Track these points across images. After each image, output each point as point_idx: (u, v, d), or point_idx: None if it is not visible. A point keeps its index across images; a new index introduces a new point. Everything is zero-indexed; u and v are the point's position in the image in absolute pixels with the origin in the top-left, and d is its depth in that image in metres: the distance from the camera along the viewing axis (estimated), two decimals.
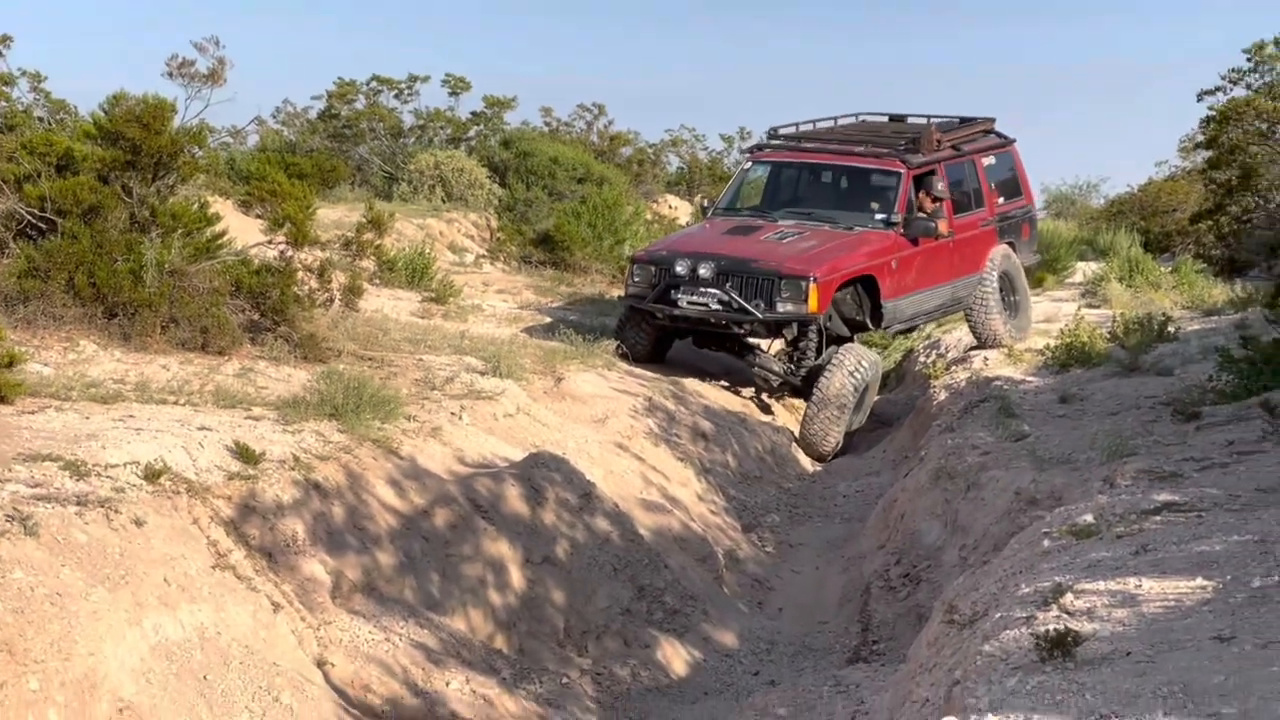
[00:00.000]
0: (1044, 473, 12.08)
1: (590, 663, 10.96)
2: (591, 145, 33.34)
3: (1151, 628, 6.28)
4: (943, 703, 6.24)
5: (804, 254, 17.72)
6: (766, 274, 17.39)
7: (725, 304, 17.44)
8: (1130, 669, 5.77)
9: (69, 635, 7.28)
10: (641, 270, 18.13)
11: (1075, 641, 5.96)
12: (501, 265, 24.35)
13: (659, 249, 18.73)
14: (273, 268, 13.63)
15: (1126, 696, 5.47)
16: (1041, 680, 5.78)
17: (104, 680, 7.40)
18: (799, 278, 17.28)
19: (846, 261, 17.82)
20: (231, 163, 24.05)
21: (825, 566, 14.38)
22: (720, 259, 17.61)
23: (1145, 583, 6.94)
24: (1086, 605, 6.70)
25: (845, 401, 17.46)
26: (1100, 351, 17.09)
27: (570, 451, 13.25)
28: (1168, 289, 23.78)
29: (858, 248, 18.14)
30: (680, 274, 17.59)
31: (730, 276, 17.47)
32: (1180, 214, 30.87)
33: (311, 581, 9.45)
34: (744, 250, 17.87)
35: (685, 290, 17.60)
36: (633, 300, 18.15)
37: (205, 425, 10.21)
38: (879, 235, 18.39)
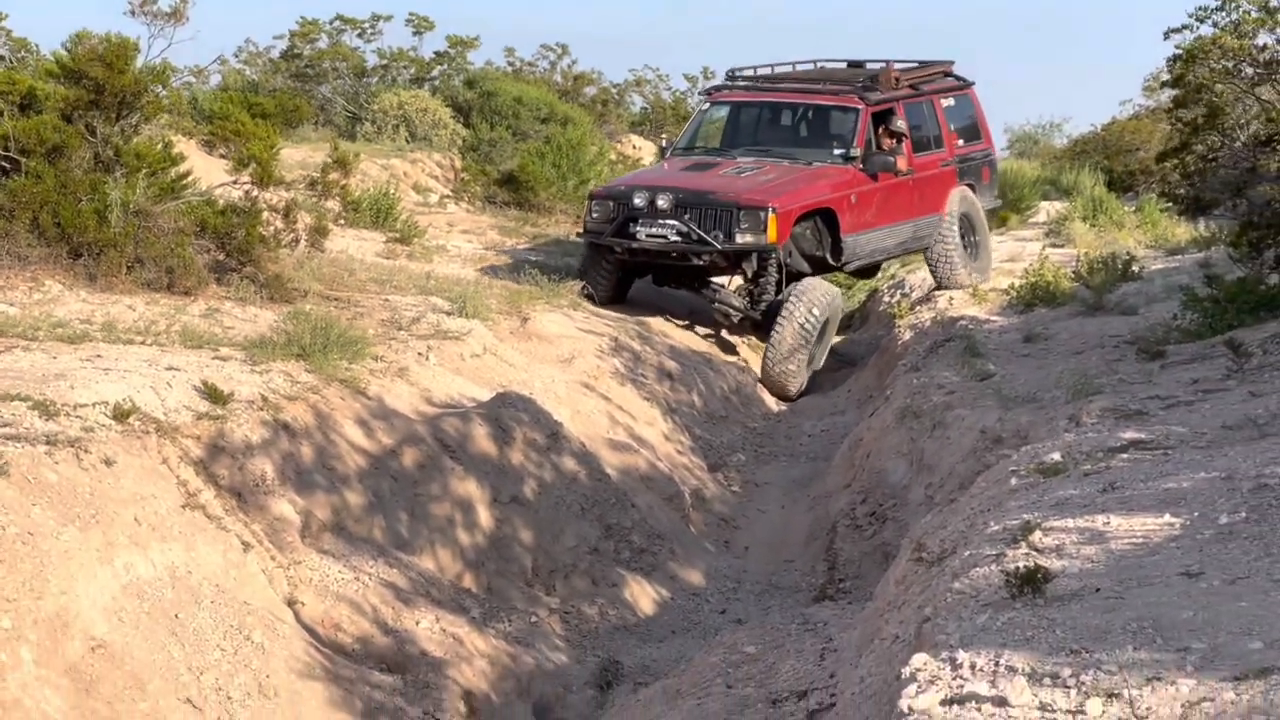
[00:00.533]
0: (1010, 411, 12.13)
1: (558, 601, 11.00)
2: (555, 85, 33.20)
3: (1120, 564, 6.33)
4: (913, 639, 6.28)
5: (763, 186, 17.81)
6: (725, 205, 17.40)
7: (684, 235, 17.43)
8: (1100, 605, 5.82)
9: (41, 574, 7.29)
10: (600, 205, 18.12)
11: (1045, 578, 6.00)
12: (466, 206, 24.28)
13: (617, 185, 18.81)
14: (238, 208, 13.56)
15: (1096, 632, 5.52)
16: (1012, 616, 5.83)
17: (76, 619, 7.40)
18: (757, 208, 17.31)
19: (806, 193, 17.90)
20: (194, 102, 23.86)
21: (791, 505, 14.45)
22: (679, 191, 17.62)
23: (1113, 520, 6.99)
24: (1055, 542, 6.75)
25: (807, 336, 17.46)
26: (1064, 291, 17.17)
27: (537, 391, 13.27)
28: (1131, 228, 23.88)
29: (816, 180, 18.22)
30: (638, 206, 17.57)
31: (689, 208, 17.46)
32: (1144, 153, 30.95)
33: (281, 521, 9.45)
34: (702, 183, 17.92)
35: (644, 223, 17.59)
36: (591, 235, 18.12)
37: (173, 365, 10.18)
38: (838, 170, 18.47)
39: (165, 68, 13.95)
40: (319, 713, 8.20)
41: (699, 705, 8.15)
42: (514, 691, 9.42)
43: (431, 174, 25.33)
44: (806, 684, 8.00)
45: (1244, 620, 5.46)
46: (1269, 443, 8.17)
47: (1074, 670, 5.15)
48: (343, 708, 8.33)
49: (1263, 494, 7.02)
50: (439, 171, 25.58)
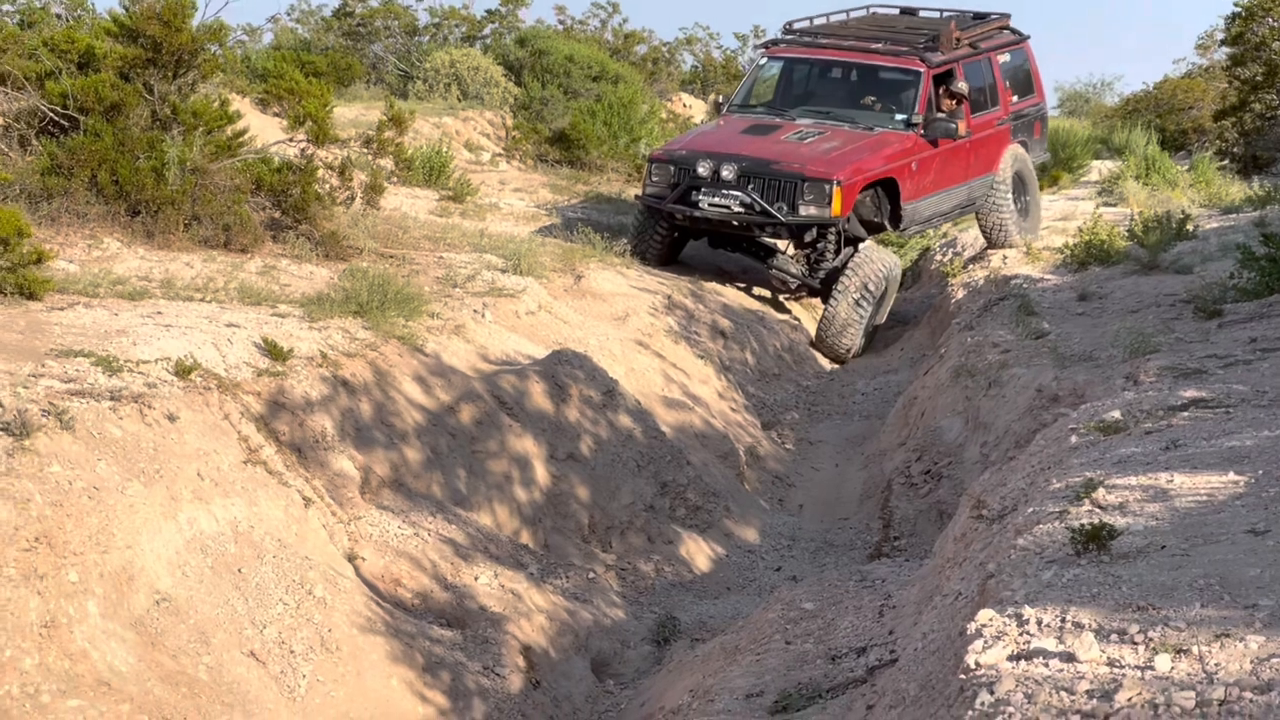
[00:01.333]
0: (1066, 370, 12.11)
1: (615, 558, 11.05)
2: (606, 44, 33.17)
3: (1185, 522, 6.32)
4: (976, 596, 6.29)
5: (827, 155, 17.48)
6: (790, 176, 17.13)
7: (747, 206, 17.20)
8: (1166, 562, 5.81)
9: (106, 528, 7.35)
10: (660, 170, 17.84)
11: (1110, 535, 6.00)
12: (518, 164, 24.29)
13: (678, 148, 18.40)
14: (293, 166, 13.60)
15: (1163, 589, 5.52)
16: (1077, 573, 5.83)
17: (141, 573, 7.47)
18: (823, 180, 17.04)
19: (869, 164, 17.62)
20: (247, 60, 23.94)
21: (845, 464, 14.46)
22: (742, 160, 17.33)
23: (1177, 477, 6.98)
24: (1119, 500, 6.74)
25: (865, 304, 17.38)
26: (1119, 250, 17.08)
27: (592, 349, 13.28)
28: (1185, 187, 23.70)
29: (879, 149, 17.92)
30: (702, 175, 17.31)
31: (753, 178, 17.21)
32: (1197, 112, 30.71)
33: (341, 477, 9.51)
34: (766, 151, 17.61)
35: (707, 191, 17.34)
36: (651, 200, 17.85)
37: (233, 322, 10.24)
38: (899, 136, 18.19)
39: (221, 26, 13.97)
40: (380, 666, 8.26)
41: (758, 660, 8.17)
42: (572, 647, 9.48)
43: (483, 132, 25.33)
44: (865, 640, 8.02)
45: None
46: None
47: (1141, 626, 5.15)
48: (404, 661, 8.39)
49: None
50: (491, 130, 25.59)
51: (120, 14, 13.65)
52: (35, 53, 12.98)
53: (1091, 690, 4.74)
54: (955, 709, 5.05)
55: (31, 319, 9.44)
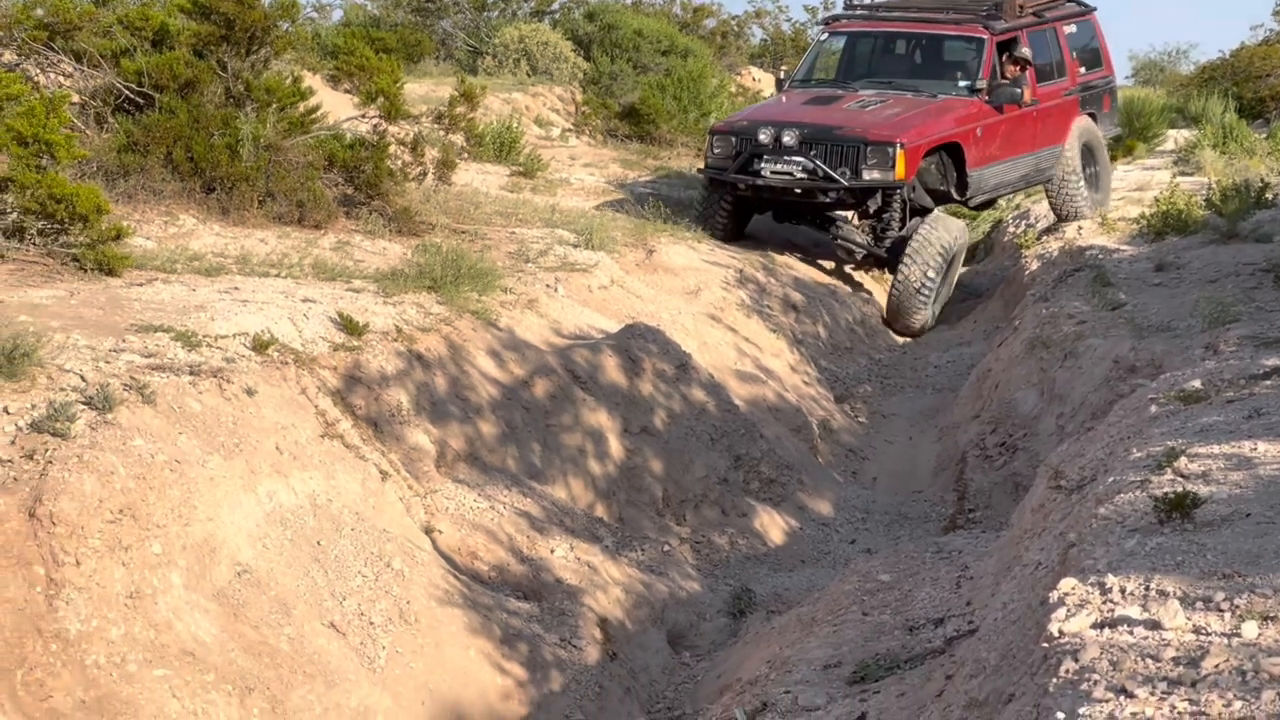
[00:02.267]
0: (1143, 340, 12.02)
1: (689, 531, 11.06)
2: (675, 18, 33.10)
3: (1269, 490, 6.26)
4: (1057, 565, 6.25)
5: (890, 120, 17.39)
6: (852, 141, 17.02)
7: (810, 172, 17.07)
8: (1251, 530, 5.77)
9: (188, 501, 7.41)
10: (722, 141, 17.76)
11: (1194, 503, 5.95)
12: (587, 139, 24.28)
13: (739, 119, 18.38)
14: (366, 142, 13.64)
15: (1248, 557, 5.47)
16: (1160, 541, 5.79)
17: (223, 545, 7.53)
18: (885, 144, 16.92)
19: (933, 128, 17.50)
20: (317, 37, 24.02)
21: (918, 436, 14.41)
22: (804, 126, 17.24)
23: (1260, 446, 6.92)
24: (1201, 468, 6.69)
25: (934, 274, 17.24)
26: (1196, 219, 16.90)
27: (664, 323, 13.28)
28: (1263, 155, 23.43)
29: (943, 114, 17.80)
30: (763, 142, 17.20)
31: (814, 144, 17.08)
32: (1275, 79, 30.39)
33: (417, 450, 9.55)
34: (827, 118, 17.53)
35: (768, 159, 17.22)
36: (713, 172, 17.74)
37: (308, 297, 10.28)
38: (963, 102, 18.05)
39: (292, 3, 14.02)
40: (458, 639, 8.30)
41: (835, 632, 8.17)
42: (648, 619, 9.50)
43: (553, 108, 25.33)
44: (943, 611, 8.00)
45: None
46: None
47: (1227, 594, 5.11)
48: (481, 633, 8.42)
49: None
50: (560, 105, 25.58)
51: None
52: (110, 30, 13.06)
53: (1177, 657, 4.71)
54: (1039, 677, 5.03)
55: (111, 295, 9.51)
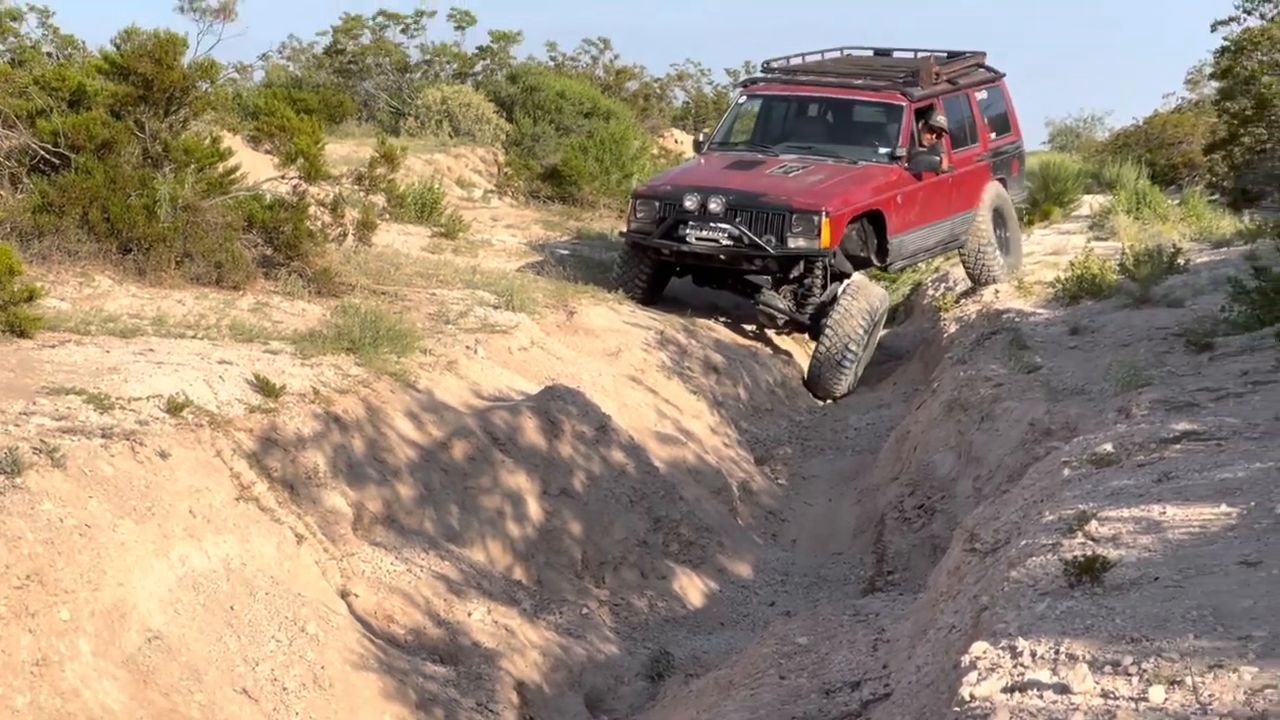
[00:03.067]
0: (1058, 404, 12.12)
1: (608, 593, 11.04)
2: (597, 80, 33.23)
3: (1178, 553, 6.32)
4: (970, 628, 6.28)
5: (814, 188, 17.41)
6: (778, 209, 17.03)
7: (736, 239, 17.07)
8: (1159, 594, 5.82)
9: (98, 566, 7.34)
10: (645, 205, 17.72)
11: (1103, 567, 6.00)
12: (509, 200, 24.31)
13: (662, 184, 18.31)
14: (285, 203, 13.61)
15: (1156, 620, 5.52)
16: (1071, 605, 5.83)
17: (133, 610, 7.46)
18: (811, 212, 16.95)
19: (856, 195, 17.56)
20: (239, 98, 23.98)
21: (838, 498, 14.45)
22: (730, 193, 17.23)
23: (1169, 509, 6.98)
24: (1112, 532, 6.74)
25: (857, 341, 17.26)
26: (1110, 283, 17.10)
27: (585, 384, 13.28)
28: (1175, 221, 23.73)
29: (865, 182, 17.85)
30: (689, 209, 17.18)
31: (740, 211, 17.09)
32: (1187, 146, 30.80)
33: (333, 513, 9.50)
34: (753, 184, 17.52)
35: (694, 226, 17.21)
36: (637, 236, 17.69)
37: (225, 359, 10.23)
38: (884, 169, 18.14)
39: (212, 64, 14.00)
40: (373, 704, 8.24)
41: (752, 695, 8.16)
42: (566, 682, 9.46)
43: (475, 169, 25.37)
44: (860, 674, 8.00)
45: None
46: None
47: (1135, 658, 5.15)
48: (397, 698, 8.37)
49: None
50: (482, 166, 25.62)
51: (112, 52, 13.72)
52: (26, 90, 13.00)
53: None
54: None
55: (23, 357, 9.44)
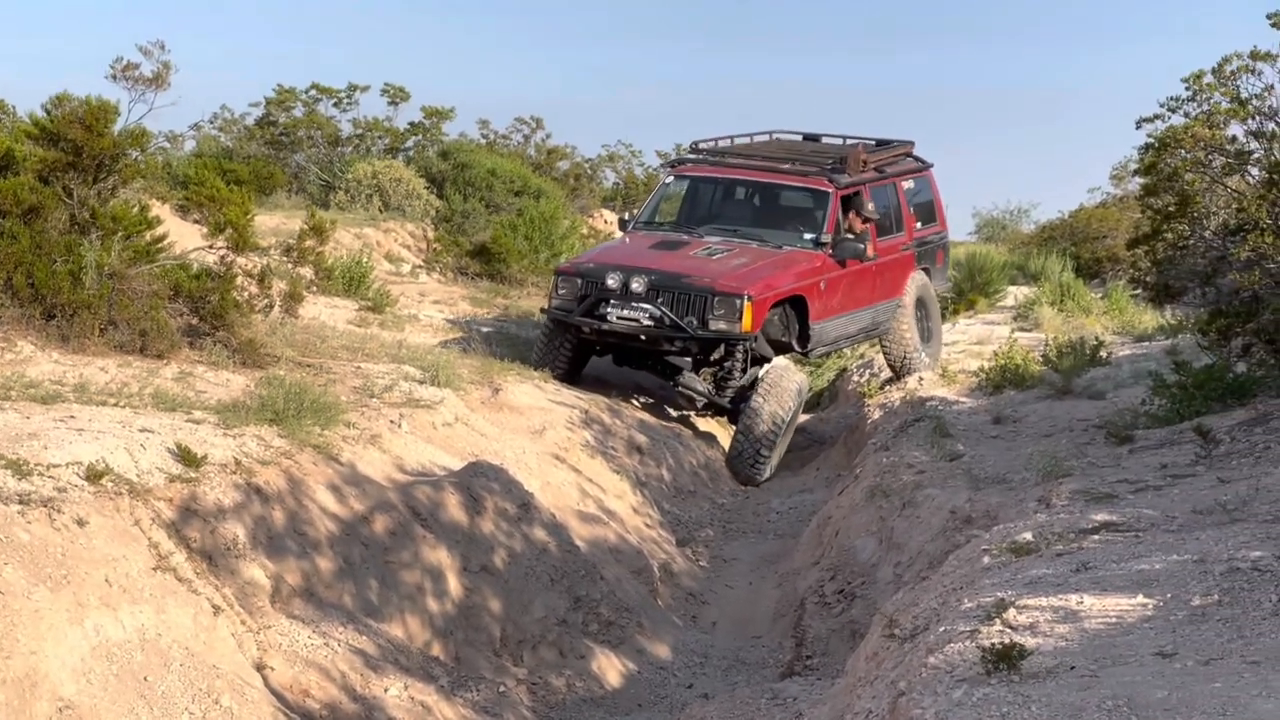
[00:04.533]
0: (979, 492, 12.19)
1: (526, 672, 10.98)
2: (529, 159, 33.36)
3: (1094, 643, 6.36)
4: (887, 714, 6.29)
5: (737, 271, 17.45)
6: (700, 290, 17.05)
7: (657, 320, 17.06)
8: (1075, 683, 5.85)
9: (10, 633, 7.25)
10: (567, 283, 17.71)
11: (1020, 655, 6.03)
12: (438, 276, 24.33)
13: (584, 261, 18.32)
14: (212, 273, 13.56)
15: (1071, 709, 5.54)
16: (987, 692, 5.85)
17: (45, 679, 7.36)
18: (734, 295, 16.97)
19: (780, 280, 17.60)
20: (169, 166, 23.93)
21: (759, 582, 14.46)
22: (652, 273, 17.24)
23: (1087, 599, 7.03)
24: (1029, 620, 6.78)
25: (776, 427, 17.26)
26: (1033, 374, 17.29)
27: (508, 461, 13.27)
28: (1099, 314, 24.06)
29: (789, 267, 17.90)
30: (611, 287, 17.18)
31: (662, 291, 17.10)
32: (1111, 240, 31.19)
33: (251, 585, 9.43)
34: (676, 265, 17.53)
35: (616, 304, 17.21)
36: (558, 313, 17.65)
37: (146, 427, 10.17)
38: (808, 255, 18.17)
39: (143, 132, 13.96)
40: None
41: None
42: None
43: (404, 244, 25.38)
44: None
45: (1218, 701, 5.50)
46: (1239, 527, 8.23)
47: None
48: None
49: (1234, 577, 7.07)
50: (411, 241, 25.64)
51: (41, 117, 13.64)
52: None
53: None
54: None
55: None
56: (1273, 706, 5.37)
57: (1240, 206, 12.60)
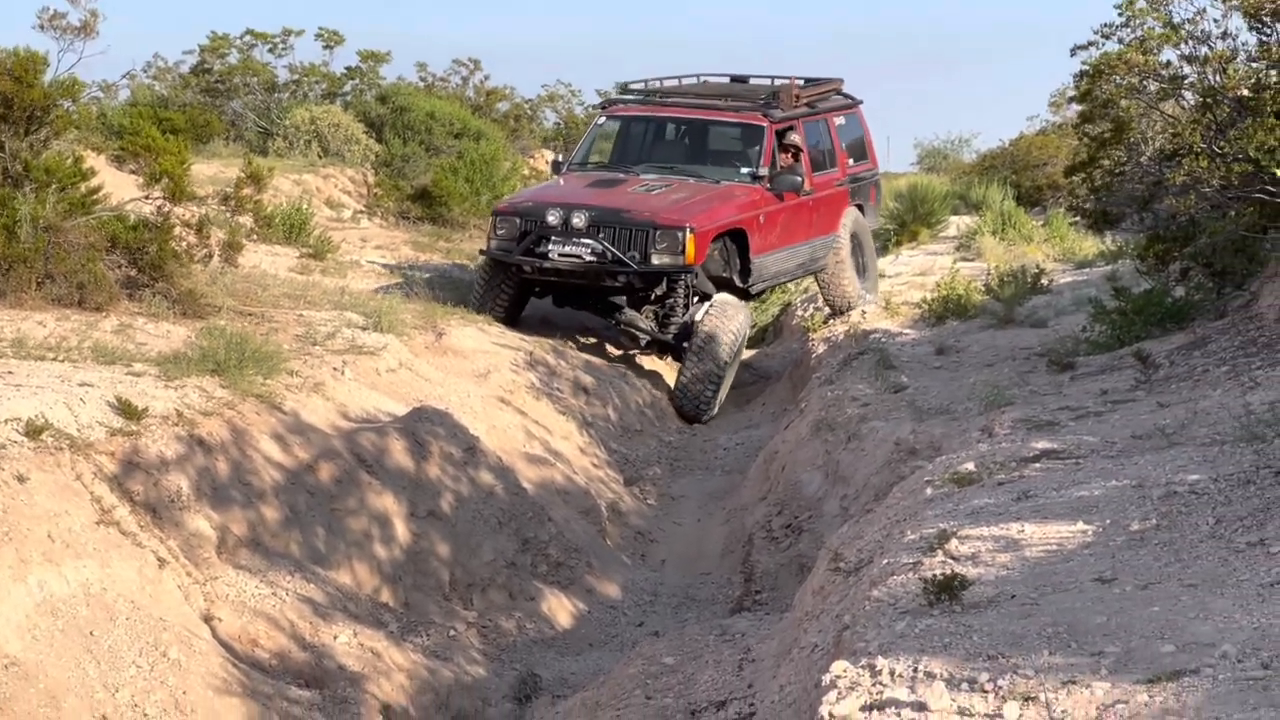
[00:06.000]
0: (923, 423, 12.25)
1: (476, 615, 11.00)
2: (468, 101, 33.14)
3: (1035, 571, 6.42)
4: (832, 647, 6.34)
5: (678, 205, 17.38)
6: (641, 224, 16.96)
7: (599, 255, 16.93)
8: (1015, 611, 5.90)
9: None
10: (506, 222, 17.50)
11: (961, 585, 6.08)
12: (379, 221, 24.21)
13: (523, 201, 18.17)
14: (150, 223, 13.45)
15: (1012, 638, 5.60)
16: (930, 623, 5.90)
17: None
18: (675, 228, 16.90)
19: (720, 213, 17.57)
20: (103, 117, 23.68)
21: (707, 518, 14.51)
22: (593, 209, 17.11)
23: (1027, 528, 7.09)
24: (971, 550, 6.83)
25: (721, 363, 17.26)
26: (975, 304, 17.34)
27: (453, 406, 13.25)
28: (1040, 242, 24.12)
29: (728, 200, 17.87)
30: (552, 224, 17.01)
31: (603, 227, 16.98)
32: (1051, 168, 31.26)
33: (197, 537, 9.40)
34: (615, 201, 17.45)
35: (557, 241, 17.05)
36: (498, 254, 17.48)
37: (86, 381, 10.10)
38: (746, 189, 18.16)
39: (74, 82, 13.81)
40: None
41: (618, 716, 8.18)
42: (432, 705, 9.42)
43: (344, 189, 25.22)
44: (725, 694, 8.04)
45: (1156, 624, 5.56)
46: (1177, 451, 8.30)
47: (991, 675, 5.22)
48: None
49: (1172, 501, 7.14)
50: (352, 187, 25.48)
51: None
52: None
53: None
54: None
55: None
56: (1209, 628, 5.44)
57: (1175, 132, 12.64)
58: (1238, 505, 6.90)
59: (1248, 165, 11.21)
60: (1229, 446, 8.09)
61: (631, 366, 18.17)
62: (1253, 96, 11.67)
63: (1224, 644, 5.24)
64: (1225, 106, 12.04)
